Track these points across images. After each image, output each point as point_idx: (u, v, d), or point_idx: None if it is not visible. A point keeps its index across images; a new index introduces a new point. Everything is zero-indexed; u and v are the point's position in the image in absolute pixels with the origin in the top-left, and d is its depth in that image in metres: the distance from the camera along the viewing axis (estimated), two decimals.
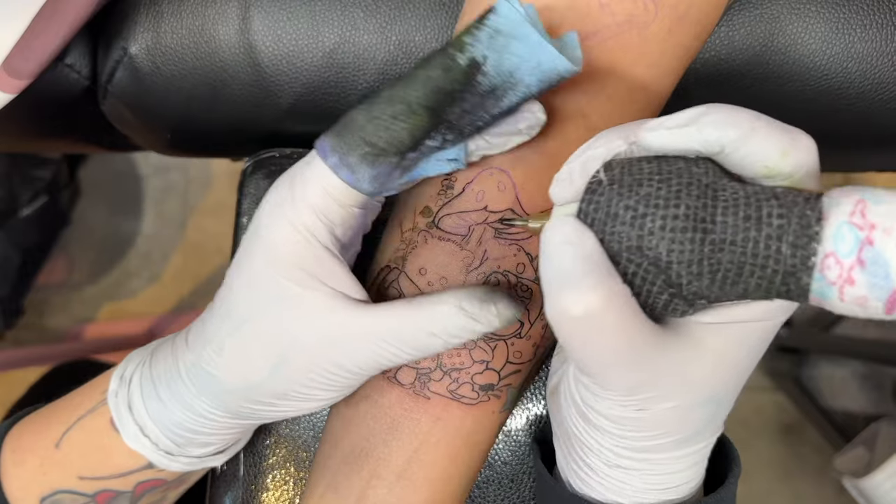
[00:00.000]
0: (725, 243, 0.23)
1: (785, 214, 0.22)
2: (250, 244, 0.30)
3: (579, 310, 0.23)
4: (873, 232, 0.21)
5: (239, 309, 0.30)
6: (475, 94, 0.27)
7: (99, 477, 0.34)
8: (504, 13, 0.26)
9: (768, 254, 0.22)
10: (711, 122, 0.24)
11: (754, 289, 0.23)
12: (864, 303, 0.21)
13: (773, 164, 0.23)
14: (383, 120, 0.27)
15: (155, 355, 0.33)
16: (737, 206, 0.23)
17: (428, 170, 0.30)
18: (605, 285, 0.23)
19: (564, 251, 0.24)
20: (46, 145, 0.68)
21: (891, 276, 0.21)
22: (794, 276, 0.22)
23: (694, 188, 0.24)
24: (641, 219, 0.24)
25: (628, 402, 0.26)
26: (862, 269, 0.21)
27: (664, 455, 0.27)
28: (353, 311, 0.29)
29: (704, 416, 0.26)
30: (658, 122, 0.24)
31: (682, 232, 0.23)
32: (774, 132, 0.23)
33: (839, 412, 1.12)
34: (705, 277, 0.24)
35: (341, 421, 0.35)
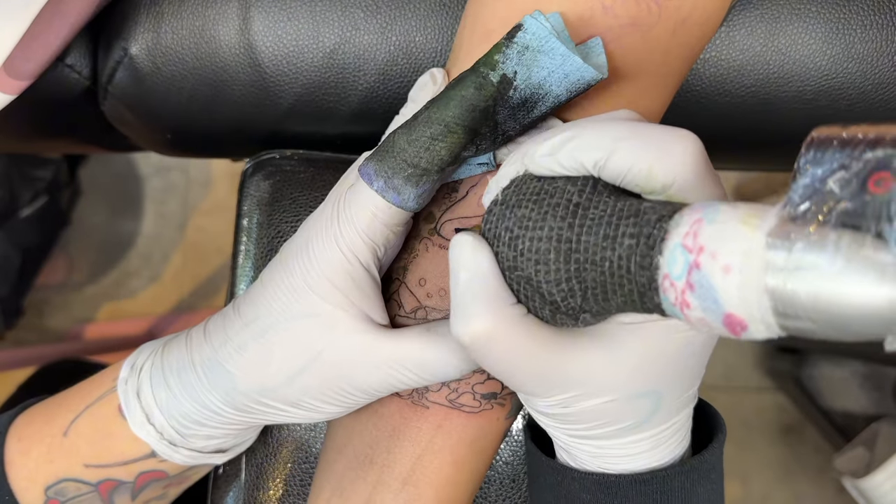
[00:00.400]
0: (588, 262, 0.24)
1: (636, 234, 0.23)
2: (292, 257, 0.31)
3: (466, 338, 0.25)
4: (701, 255, 0.20)
5: (269, 315, 0.31)
6: (507, 108, 0.28)
7: (103, 465, 0.34)
8: (532, 30, 0.27)
9: (622, 273, 0.23)
10: (572, 147, 0.25)
11: (623, 304, 0.24)
12: (707, 324, 0.21)
13: (642, 181, 0.24)
14: (423, 141, 0.28)
15: (168, 346, 0.34)
16: (599, 225, 0.24)
17: (461, 173, 0.32)
18: (490, 311, 0.25)
19: (457, 276, 0.26)
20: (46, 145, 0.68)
21: (719, 301, 0.20)
22: (646, 295, 0.22)
23: (560, 209, 0.24)
24: (515, 240, 0.25)
25: (550, 402, 0.27)
26: (692, 293, 0.20)
27: (617, 441, 0.28)
28: (377, 336, 0.30)
29: (646, 406, 0.27)
30: (534, 151, 0.26)
31: (545, 253, 0.24)
32: (638, 150, 0.24)
33: (839, 412, 1.12)
34: (577, 295, 0.24)
35: (343, 429, 0.35)
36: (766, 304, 0.19)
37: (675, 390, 0.27)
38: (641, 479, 0.28)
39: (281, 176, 0.45)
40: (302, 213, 0.44)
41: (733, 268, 0.19)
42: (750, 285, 0.19)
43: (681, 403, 0.28)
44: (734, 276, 0.19)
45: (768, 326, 0.19)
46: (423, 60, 0.43)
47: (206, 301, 1.14)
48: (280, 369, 0.31)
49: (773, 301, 0.19)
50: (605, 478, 0.29)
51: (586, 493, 0.29)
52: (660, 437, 0.28)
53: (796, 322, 0.19)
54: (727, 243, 0.20)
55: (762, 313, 0.19)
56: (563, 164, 0.25)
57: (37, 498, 0.34)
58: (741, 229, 0.19)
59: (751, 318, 0.19)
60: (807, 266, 0.18)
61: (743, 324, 0.20)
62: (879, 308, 0.17)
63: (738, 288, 0.19)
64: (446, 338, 0.30)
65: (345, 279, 0.30)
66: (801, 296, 0.18)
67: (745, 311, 0.19)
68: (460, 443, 0.33)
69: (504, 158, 0.32)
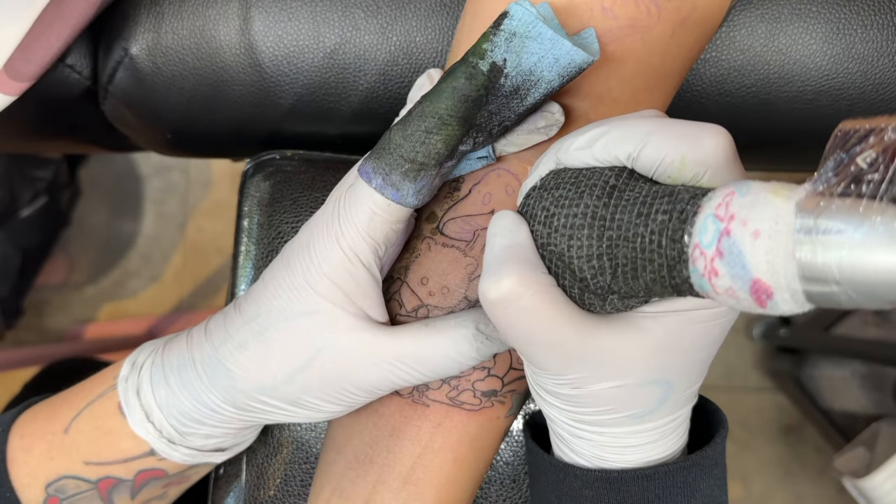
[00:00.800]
0: (621, 239, 0.24)
1: (668, 210, 0.23)
2: (293, 257, 0.31)
3: (493, 294, 0.25)
4: (732, 223, 0.21)
5: (270, 314, 0.31)
6: (500, 96, 0.28)
7: (103, 462, 0.34)
8: (517, 15, 0.27)
9: (653, 248, 0.23)
10: (605, 141, 0.26)
11: (652, 283, 0.24)
12: (734, 294, 0.21)
13: (674, 172, 0.25)
14: (418, 136, 0.28)
15: (168, 345, 0.34)
16: (634, 204, 0.24)
17: (461, 169, 0.32)
18: (521, 273, 0.25)
19: (494, 241, 0.27)
20: (47, 145, 0.68)
21: (747, 266, 0.20)
22: (676, 268, 0.23)
23: (597, 189, 0.25)
24: (550, 218, 0.26)
25: (562, 380, 0.27)
26: (721, 260, 0.21)
27: (620, 429, 0.28)
28: (377, 334, 0.30)
29: (654, 396, 0.27)
30: (568, 145, 0.27)
31: (580, 229, 0.25)
32: (669, 141, 0.24)
33: (839, 412, 1.12)
34: (607, 272, 0.25)
35: (343, 429, 0.35)
36: (792, 268, 0.19)
37: (684, 383, 0.27)
38: (644, 474, 0.28)
39: (281, 176, 0.45)
40: (302, 214, 0.44)
41: (762, 233, 0.20)
42: (778, 250, 0.20)
43: (686, 397, 0.28)
44: (763, 241, 0.20)
45: (794, 294, 0.20)
46: (423, 60, 0.43)
47: (207, 301, 1.14)
48: (280, 367, 0.31)
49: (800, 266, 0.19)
50: (608, 473, 0.29)
51: (588, 489, 0.29)
52: (663, 429, 0.28)
53: (822, 287, 0.19)
54: (757, 210, 0.20)
55: (788, 279, 0.20)
56: (598, 156, 0.26)
57: (37, 495, 0.34)
58: (772, 199, 0.20)
59: (777, 284, 0.20)
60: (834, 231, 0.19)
61: (769, 291, 0.20)
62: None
63: (766, 252, 0.20)
64: (445, 333, 0.30)
65: (345, 278, 0.30)
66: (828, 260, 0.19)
67: (771, 277, 0.20)
68: (461, 441, 0.33)
69: (504, 151, 0.32)
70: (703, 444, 0.30)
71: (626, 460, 0.29)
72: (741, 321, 1.20)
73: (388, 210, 0.30)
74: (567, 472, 0.30)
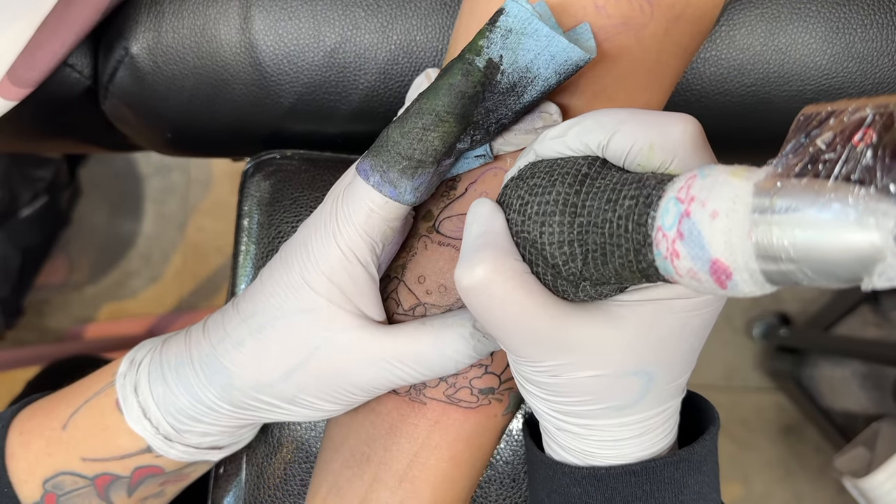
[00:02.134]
0: (591, 225, 0.25)
1: (635, 195, 0.24)
2: (291, 255, 0.31)
3: (466, 281, 0.26)
4: (692, 204, 0.21)
5: (266, 312, 0.31)
6: (496, 93, 0.29)
7: (100, 458, 0.34)
8: (513, 12, 0.27)
9: (620, 233, 0.24)
10: (577, 131, 0.27)
11: (621, 268, 0.24)
12: (695, 275, 0.21)
13: (643, 159, 0.25)
14: (415, 133, 0.28)
15: (167, 343, 0.34)
16: (604, 191, 0.25)
17: (459, 168, 0.32)
18: (494, 260, 0.26)
19: (469, 229, 0.28)
20: (47, 145, 0.68)
21: (706, 247, 0.20)
22: (641, 252, 0.23)
23: (569, 177, 0.26)
24: (525, 206, 0.27)
25: (540, 367, 0.27)
26: (682, 241, 0.21)
27: (604, 422, 0.28)
28: (373, 332, 0.30)
29: (635, 387, 0.27)
30: (544, 135, 0.28)
31: (551, 215, 0.26)
32: (639, 129, 0.25)
33: (839, 412, 1.12)
34: (578, 259, 0.25)
35: (340, 427, 0.35)
36: (749, 248, 0.20)
37: (665, 375, 0.27)
38: (631, 470, 0.28)
39: (281, 176, 0.45)
40: (302, 213, 0.44)
41: (720, 213, 0.20)
42: (735, 230, 0.20)
43: (670, 391, 0.28)
44: (720, 221, 0.20)
45: (752, 274, 0.20)
46: (423, 59, 0.43)
47: (207, 301, 1.14)
48: (277, 365, 0.31)
49: (757, 245, 0.19)
50: (596, 471, 0.29)
51: (577, 487, 0.29)
52: (648, 423, 0.28)
53: (779, 266, 0.19)
54: (716, 191, 0.20)
55: (745, 259, 0.20)
56: (570, 145, 0.27)
57: (35, 491, 0.34)
58: (730, 180, 0.20)
59: (735, 264, 0.20)
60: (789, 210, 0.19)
61: (728, 271, 0.20)
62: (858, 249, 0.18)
63: (724, 232, 0.20)
64: (442, 331, 0.30)
65: (342, 276, 0.30)
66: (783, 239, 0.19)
67: (729, 256, 0.20)
68: (458, 439, 0.33)
69: (501, 150, 0.32)
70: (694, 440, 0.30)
71: (612, 455, 0.29)
72: (741, 321, 1.20)
73: (386, 207, 0.30)
74: (556, 469, 0.30)
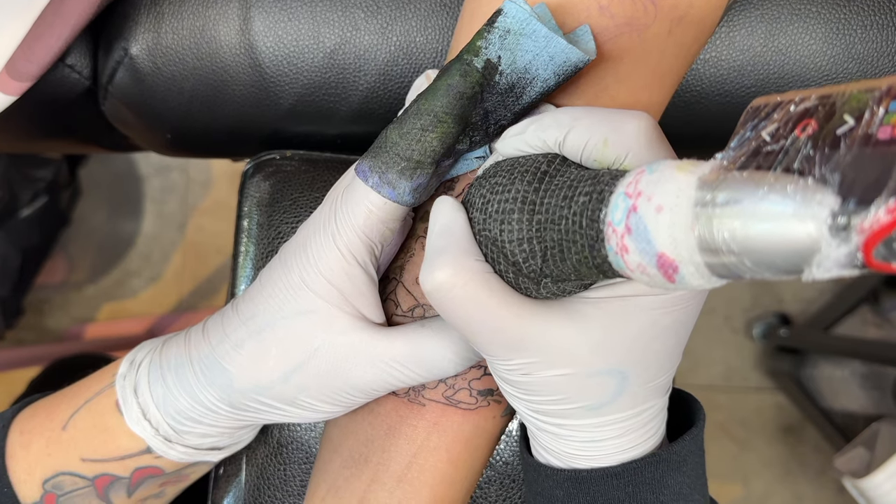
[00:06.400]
0: (549, 222, 0.25)
1: (589, 192, 0.24)
2: (290, 256, 0.31)
3: (428, 285, 0.26)
4: (639, 199, 0.21)
5: (266, 313, 0.31)
6: (495, 94, 0.29)
7: (100, 459, 0.34)
8: (511, 13, 0.27)
9: (575, 229, 0.24)
10: (535, 127, 0.27)
11: (578, 264, 0.25)
12: (644, 270, 0.21)
13: (598, 154, 0.26)
14: (414, 133, 0.28)
15: (167, 344, 0.34)
16: (561, 188, 0.25)
17: (458, 169, 0.32)
18: (454, 262, 0.26)
19: (431, 229, 0.28)
20: (47, 145, 0.68)
21: (651, 241, 0.21)
22: (595, 248, 0.24)
23: (528, 175, 0.26)
24: (486, 204, 0.27)
25: (510, 366, 0.27)
26: (630, 236, 0.21)
27: (580, 421, 0.28)
28: (373, 334, 0.30)
29: (608, 386, 0.27)
30: (505, 134, 0.29)
31: (510, 213, 0.26)
32: (594, 125, 0.26)
33: (839, 412, 1.13)
34: (538, 256, 0.26)
35: (339, 428, 0.35)
36: (692, 241, 0.20)
37: (640, 374, 0.27)
38: (612, 472, 0.28)
39: (281, 176, 0.45)
40: (302, 214, 0.44)
41: (665, 207, 0.20)
42: (678, 223, 0.20)
43: (649, 391, 0.28)
44: (665, 215, 0.20)
45: (697, 267, 0.20)
46: (423, 61, 0.43)
47: (206, 301, 1.14)
48: (276, 366, 0.31)
49: (699, 237, 0.20)
50: (577, 473, 0.29)
51: (559, 490, 0.29)
52: (627, 424, 0.28)
53: (721, 258, 0.19)
54: (662, 186, 0.21)
55: (690, 252, 0.20)
56: (530, 142, 0.27)
57: (34, 491, 0.34)
58: (676, 174, 0.21)
59: (680, 257, 0.20)
60: (730, 201, 0.19)
61: (674, 265, 0.20)
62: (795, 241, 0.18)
63: (668, 226, 0.20)
64: (441, 333, 0.30)
65: (341, 277, 0.30)
66: (723, 230, 0.19)
67: (674, 250, 0.20)
68: (456, 441, 0.33)
69: None
70: None
71: (592, 456, 0.28)
72: (741, 321, 1.20)
73: (385, 208, 0.30)
74: (540, 471, 0.30)
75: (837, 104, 0.19)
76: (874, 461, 0.86)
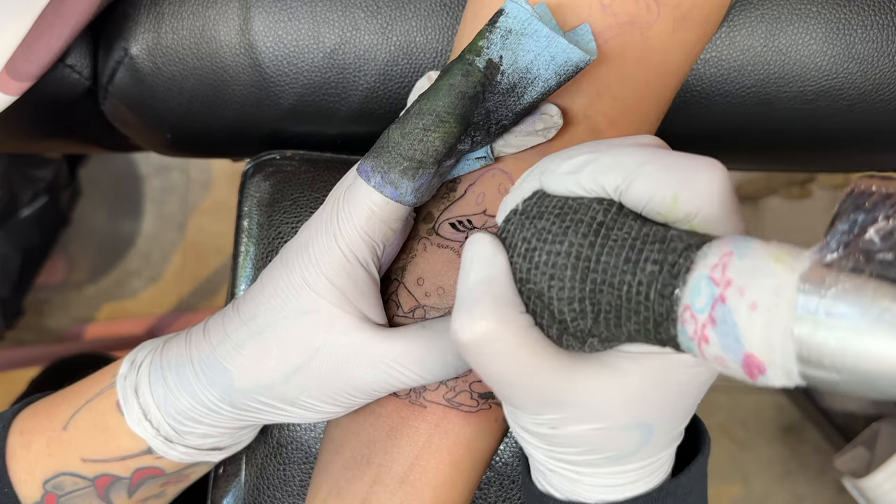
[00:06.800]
0: (605, 284, 0.23)
1: (659, 261, 0.22)
2: (292, 256, 0.31)
3: (467, 335, 0.24)
4: (728, 289, 0.19)
5: (267, 313, 0.31)
6: (497, 94, 0.28)
7: (100, 459, 0.34)
8: (513, 13, 0.27)
9: (640, 300, 0.22)
10: (592, 169, 0.24)
11: (636, 332, 0.23)
12: (723, 363, 0.20)
13: (665, 209, 0.23)
14: (416, 133, 0.28)
15: (168, 344, 0.34)
16: (622, 247, 0.23)
17: (460, 169, 0.32)
18: (497, 315, 0.24)
19: (469, 272, 0.25)
20: (47, 145, 0.68)
21: (741, 339, 0.19)
22: (662, 325, 0.22)
23: (583, 226, 0.23)
24: (532, 252, 0.24)
25: (539, 420, 0.26)
26: (714, 328, 0.19)
27: (599, 469, 0.27)
28: (374, 335, 0.30)
29: (634, 439, 0.26)
30: (554, 168, 0.25)
31: (562, 269, 0.23)
32: (663, 176, 0.23)
33: (839, 412, 1.12)
34: (588, 317, 0.23)
35: (340, 429, 0.35)
36: (790, 349, 0.18)
37: (666, 426, 0.26)
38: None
39: (281, 177, 0.45)
40: (302, 214, 0.44)
41: (760, 305, 0.18)
42: (776, 327, 0.18)
43: (669, 439, 0.27)
44: (760, 315, 0.18)
45: (788, 373, 0.19)
46: (423, 61, 0.43)
47: (206, 301, 1.14)
48: (277, 367, 0.31)
49: (799, 347, 0.18)
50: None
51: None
52: (641, 471, 0.27)
53: (820, 372, 0.18)
54: (757, 279, 0.19)
55: (785, 359, 0.18)
56: (584, 185, 0.24)
57: (35, 491, 0.34)
58: (773, 267, 0.19)
59: (771, 362, 0.19)
60: (839, 315, 0.17)
61: (762, 367, 0.19)
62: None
63: (763, 328, 0.18)
64: (443, 335, 0.30)
65: (343, 277, 0.30)
66: (830, 346, 0.17)
67: (766, 353, 0.19)
68: (458, 443, 0.33)
69: (502, 152, 0.32)
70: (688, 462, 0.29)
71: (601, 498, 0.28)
72: None
73: (387, 208, 0.29)
74: (542, 501, 0.29)
75: None
76: (874, 461, 0.86)
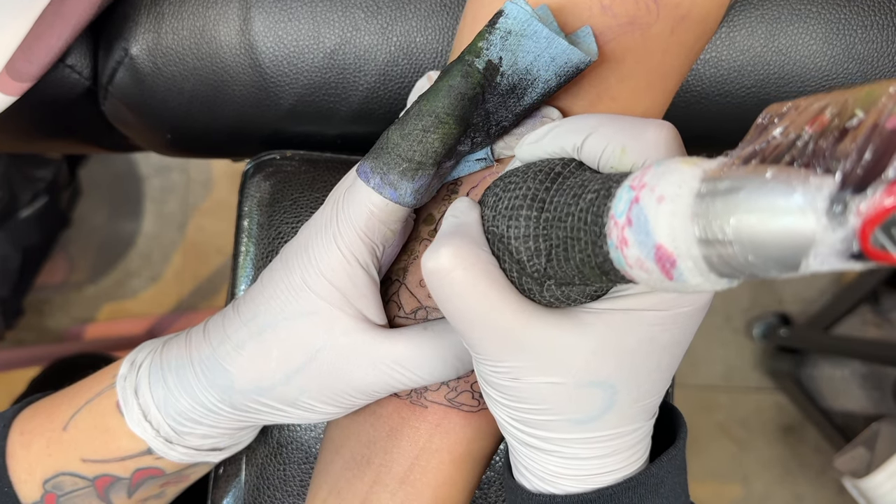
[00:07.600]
0: (556, 220, 0.25)
1: (598, 189, 0.24)
2: (292, 257, 0.31)
3: (430, 264, 0.26)
4: (642, 191, 0.21)
5: (267, 314, 0.31)
6: (497, 95, 0.29)
7: (100, 460, 0.34)
8: (513, 14, 0.27)
9: (580, 225, 0.24)
10: (554, 134, 0.27)
11: (582, 264, 0.24)
12: (643, 265, 0.21)
13: (615, 161, 0.25)
14: (416, 134, 0.28)
15: (167, 344, 0.34)
16: (572, 188, 0.25)
17: (461, 171, 0.32)
18: (461, 247, 0.26)
19: (447, 220, 0.28)
20: (47, 146, 0.68)
21: (651, 232, 0.20)
22: (597, 244, 0.23)
23: (541, 174, 0.26)
24: (497, 202, 0.27)
25: (499, 368, 0.26)
26: (630, 228, 0.21)
27: (564, 436, 0.27)
28: (374, 336, 0.30)
29: (596, 400, 0.26)
30: (523, 140, 0.29)
31: (518, 209, 0.26)
32: (613, 132, 0.25)
33: (839, 412, 1.13)
34: (542, 254, 0.25)
35: (340, 429, 0.35)
36: (690, 232, 0.19)
37: (631, 390, 0.26)
38: (587, 498, 0.27)
39: (281, 177, 0.45)
40: (302, 214, 0.44)
41: (666, 197, 0.20)
42: (678, 213, 0.20)
43: (637, 411, 0.27)
44: (666, 205, 0.20)
45: (696, 261, 0.20)
46: (423, 61, 0.43)
47: (207, 301, 1.14)
48: (278, 368, 0.31)
49: (698, 227, 0.19)
50: (553, 499, 0.28)
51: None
52: (613, 444, 0.27)
53: (720, 249, 0.19)
54: (666, 177, 0.20)
55: (688, 244, 0.19)
56: (547, 149, 0.27)
57: (35, 491, 0.34)
58: (681, 167, 0.20)
59: (678, 250, 0.20)
60: (730, 190, 0.19)
61: (672, 258, 0.20)
62: (793, 232, 0.18)
63: (668, 216, 0.20)
64: (444, 337, 0.30)
65: (343, 279, 0.30)
66: (722, 220, 0.19)
67: (672, 241, 0.20)
68: (458, 443, 0.33)
69: (502, 154, 0.32)
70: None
71: (574, 475, 0.28)
72: (741, 321, 1.20)
73: (387, 210, 0.30)
74: (517, 492, 0.30)
75: (850, 101, 0.19)
76: (874, 461, 0.86)
